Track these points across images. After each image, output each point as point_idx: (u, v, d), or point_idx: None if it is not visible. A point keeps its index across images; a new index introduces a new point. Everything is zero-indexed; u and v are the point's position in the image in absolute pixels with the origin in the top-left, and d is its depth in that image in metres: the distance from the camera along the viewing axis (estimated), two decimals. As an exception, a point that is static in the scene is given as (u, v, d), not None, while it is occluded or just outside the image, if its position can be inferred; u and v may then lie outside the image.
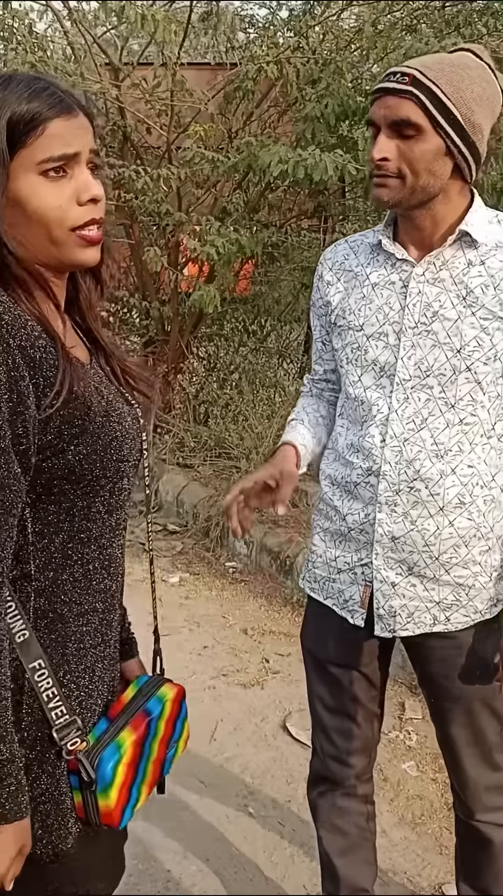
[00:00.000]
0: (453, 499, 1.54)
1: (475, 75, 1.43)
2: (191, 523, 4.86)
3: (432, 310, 1.51)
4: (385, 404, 1.56)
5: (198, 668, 3.32)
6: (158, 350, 6.11)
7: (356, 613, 1.66)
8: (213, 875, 2.22)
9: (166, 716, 1.25)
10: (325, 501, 1.72)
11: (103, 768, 1.11)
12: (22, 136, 1.04)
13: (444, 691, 1.67)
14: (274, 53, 4.60)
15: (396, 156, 1.44)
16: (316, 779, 1.86)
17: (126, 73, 5.22)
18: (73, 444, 1.06)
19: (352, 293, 1.62)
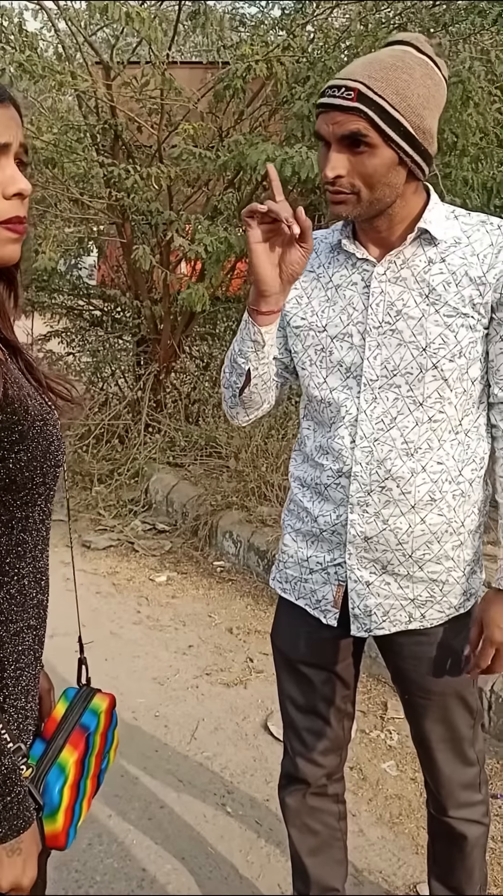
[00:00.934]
0: (424, 496, 1.54)
1: (418, 76, 1.40)
2: (180, 522, 4.86)
3: (395, 309, 1.50)
4: (353, 405, 1.55)
5: (181, 667, 3.31)
6: (150, 349, 6.11)
7: (329, 613, 1.66)
8: (188, 874, 2.22)
9: (101, 729, 1.21)
10: (296, 502, 1.71)
11: (50, 793, 1.07)
12: None
13: (418, 687, 1.66)
14: (263, 52, 4.60)
15: (349, 171, 1.41)
16: (287, 778, 1.86)
17: (117, 72, 5.22)
18: (14, 452, 1.00)
19: (314, 294, 1.60)
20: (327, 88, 1.42)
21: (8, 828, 0.97)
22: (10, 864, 0.98)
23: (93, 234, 6.25)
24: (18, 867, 0.99)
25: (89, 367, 6.58)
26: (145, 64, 5.10)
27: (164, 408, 5.90)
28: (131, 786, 2.57)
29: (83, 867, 2.21)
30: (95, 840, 2.32)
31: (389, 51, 1.45)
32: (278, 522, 4.39)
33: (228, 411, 1.71)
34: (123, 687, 3.10)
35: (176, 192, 5.58)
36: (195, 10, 4.93)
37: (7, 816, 0.97)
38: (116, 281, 6.89)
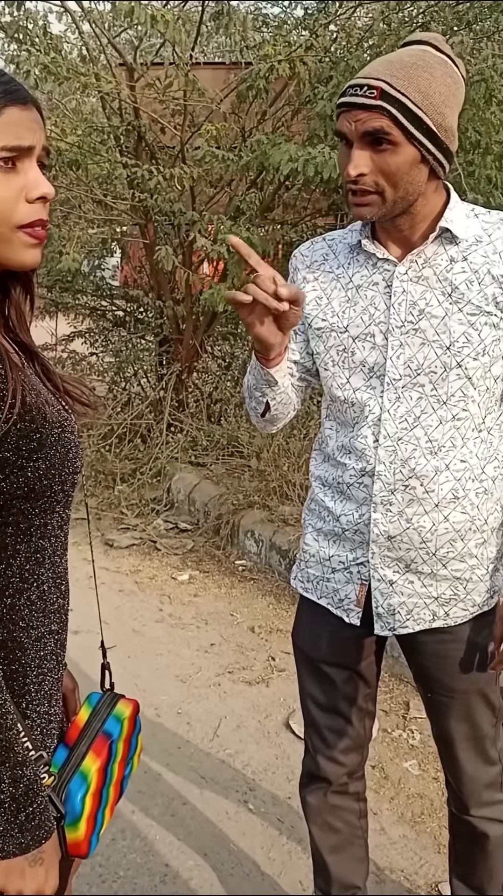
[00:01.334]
0: (447, 494, 1.54)
1: (439, 74, 1.41)
2: (202, 521, 4.88)
3: (418, 308, 1.50)
4: (376, 404, 1.55)
5: (204, 665, 3.33)
6: (173, 349, 6.14)
7: (352, 612, 1.66)
8: (211, 869, 2.23)
9: (124, 735, 1.21)
10: (317, 502, 1.71)
11: (72, 801, 1.07)
12: None
13: (441, 685, 1.66)
14: (286, 52, 4.61)
15: (373, 169, 1.41)
16: (308, 777, 1.86)
17: (141, 74, 5.25)
18: (32, 460, 1.00)
19: (334, 295, 1.60)
20: (348, 87, 1.42)
21: (30, 838, 0.97)
22: (33, 874, 0.98)
23: (116, 234, 6.30)
24: (41, 877, 0.99)
25: (112, 367, 6.62)
26: (169, 65, 5.12)
27: (186, 407, 5.93)
28: (154, 782, 2.59)
29: (107, 862, 2.23)
30: (119, 835, 2.34)
31: (409, 50, 1.45)
32: (300, 522, 4.39)
33: (257, 425, 1.75)
34: (146, 684, 3.13)
35: (199, 192, 5.60)
36: (218, 11, 4.94)
37: (29, 827, 0.97)
38: (139, 281, 6.93)
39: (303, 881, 2.19)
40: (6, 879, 0.97)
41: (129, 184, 5.29)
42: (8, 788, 0.95)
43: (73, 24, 5.40)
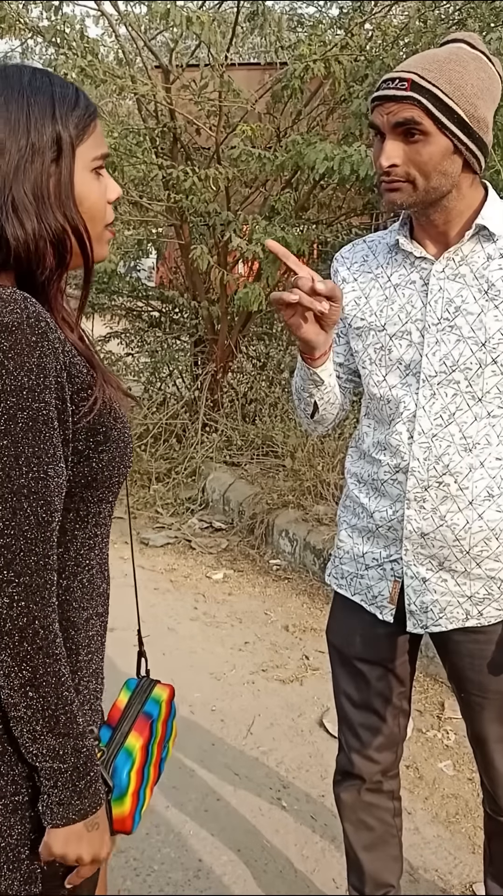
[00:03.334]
0: (481, 492, 1.53)
1: (472, 68, 1.41)
2: (236, 520, 4.89)
3: (454, 305, 1.50)
4: (412, 401, 1.55)
5: (238, 663, 3.34)
6: (208, 349, 6.16)
7: (385, 609, 1.66)
8: (244, 866, 2.24)
9: (163, 717, 1.26)
10: (352, 498, 1.72)
11: (119, 775, 1.12)
12: (81, 132, 1.05)
13: (475, 685, 1.65)
14: (321, 51, 4.61)
15: (405, 160, 1.42)
16: (342, 774, 1.86)
17: (176, 75, 5.28)
18: (98, 452, 1.07)
19: (373, 294, 1.61)
20: (382, 82, 1.44)
21: (88, 804, 1.03)
22: (90, 839, 1.04)
23: (152, 236, 6.34)
24: (97, 841, 1.05)
25: (148, 368, 6.67)
26: (204, 66, 5.15)
27: (220, 407, 5.95)
28: (188, 778, 2.61)
29: (141, 856, 2.25)
30: (153, 830, 2.36)
31: (444, 48, 1.47)
32: (334, 521, 4.38)
33: (306, 429, 1.78)
34: (180, 681, 3.14)
35: (233, 192, 5.62)
36: (253, 12, 4.96)
37: (87, 794, 1.02)
38: (174, 282, 6.97)
39: (337, 879, 2.19)
40: (66, 846, 1.02)
41: (165, 185, 5.33)
42: (70, 758, 1.01)
43: (110, 27, 5.45)
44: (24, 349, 0.96)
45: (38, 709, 0.98)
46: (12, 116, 1.02)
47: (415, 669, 1.81)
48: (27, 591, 0.97)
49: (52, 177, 1.03)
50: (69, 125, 1.04)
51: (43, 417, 0.97)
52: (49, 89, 1.04)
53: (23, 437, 0.96)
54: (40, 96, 1.03)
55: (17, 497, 0.96)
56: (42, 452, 0.97)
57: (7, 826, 1.03)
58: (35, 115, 1.02)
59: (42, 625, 0.98)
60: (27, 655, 0.97)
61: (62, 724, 1.00)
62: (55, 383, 0.99)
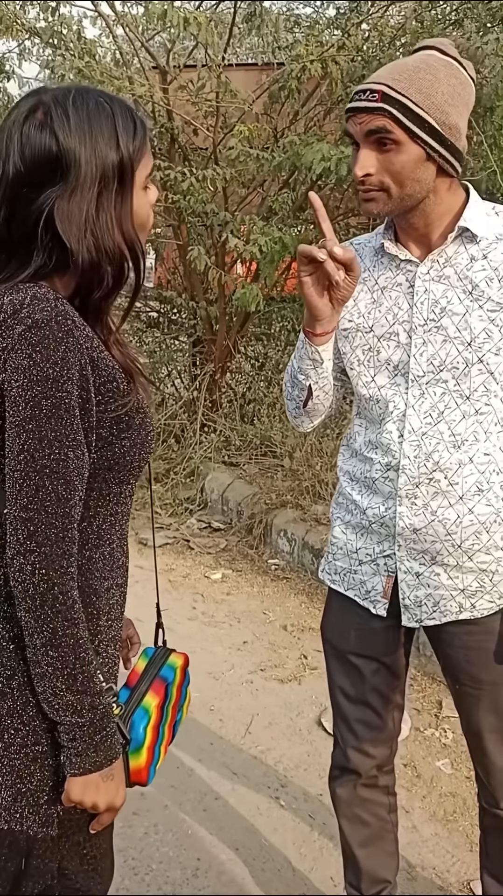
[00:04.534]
0: (471, 486, 1.57)
1: (443, 76, 1.44)
2: (235, 521, 4.90)
3: (440, 306, 1.53)
4: (401, 401, 1.58)
5: (236, 663, 3.35)
6: (206, 349, 6.17)
7: (379, 604, 1.68)
8: (242, 864, 2.24)
9: (177, 682, 1.37)
10: (345, 496, 1.74)
11: (136, 729, 1.22)
12: (139, 157, 1.16)
13: (469, 677, 1.67)
14: (318, 52, 4.62)
15: (378, 169, 1.46)
16: (337, 769, 1.87)
17: (173, 76, 5.28)
18: (120, 438, 1.17)
19: (360, 297, 1.63)
20: (354, 94, 1.47)
21: (103, 757, 1.13)
22: (106, 787, 1.14)
23: (150, 236, 6.33)
24: (112, 790, 1.15)
25: (146, 368, 6.66)
26: (201, 67, 5.15)
27: (219, 407, 5.95)
28: (186, 777, 2.61)
29: (139, 855, 2.26)
30: (152, 829, 2.36)
31: (414, 56, 1.50)
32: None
33: (293, 421, 1.79)
34: (179, 681, 3.15)
35: (231, 193, 5.62)
36: (250, 12, 4.96)
37: (103, 747, 1.13)
38: (173, 283, 6.97)
39: (335, 877, 2.19)
40: (83, 793, 1.13)
41: (163, 185, 5.33)
42: (88, 714, 1.11)
43: (107, 28, 5.45)
44: (50, 343, 1.07)
45: (58, 667, 1.08)
46: (83, 146, 1.11)
47: (409, 664, 1.82)
48: (47, 559, 1.07)
49: (114, 204, 1.15)
50: (130, 153, 1.14)
51: (65, 405, 1.08)
52: (112, 118, 1.14)
53: (46, 422, 1.07)
54: (105, 126, 1.13)
55: (40, 476, 1.07)
56: (63, 437, 1.08)
57: (28, 773, 1.13)
58: (101, 145, 1.12)
59: (61, 590, 1.08)
60: (47, 618, 1.08)
61: (80, 682, 1.09)
62: (79, 375, 1.09)
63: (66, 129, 1.11)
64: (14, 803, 1.12)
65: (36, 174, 1.11)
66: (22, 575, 1.07)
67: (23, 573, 1.07)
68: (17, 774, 1.12)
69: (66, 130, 1.11)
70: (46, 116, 1.12)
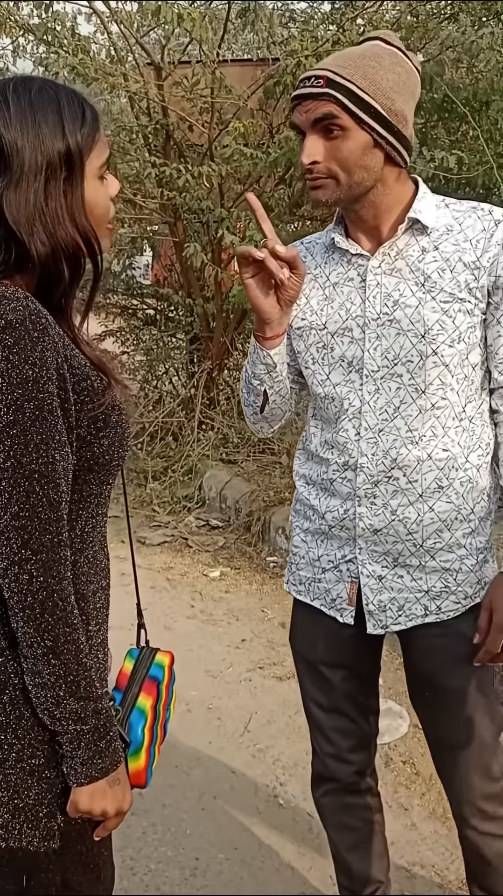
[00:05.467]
0: (431, 484, 1.53)
1: (387, 63, 1.43)
2: (233, 518, 4.90)
3: (392, 299, 1.51)
4: (356, 397, 1.55)
5: (235, 661, 3.34)
6: (203, 347, 6.16)
7: (345, 611, 1.64)
8: (241, 864, 2.24)
9: (166, 682, 1.35)
10: (302, 501, 1.70)
11: (134, 731, 1.21)
12: (89, 146, 1.12)
13: (437, 685, 1.62)
14: (313, 47, 4.60)
15: (325, 157, 1.43)
16: (318, 779, 1.84)
17: (168, 72, 5.27)
18: (98, 438, 1.15)
19: (313, 294, 1.61)
20: (299, 83, 1.45)
21: (109, 762, 1.11)
22: (113, 793, 1.12)
23: (146, 233, 6.33)
24: (120, 795, 1.13)
25: (143, 366, 6.66)
26: (196, 63, 5.14)
27: (216, 405, 5.95)
28: (185, 776, 2.61)
29: (138, 855, 2.25)
30: (150, 829, 2.36)
31: (359, 46, 1.49)
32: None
33: (252, 427, 1.79)
34: (177, 680, 3.13)
35: (227, 189, 5.61)
36: (245, 8, 4.95)
37: (109, 751, 1.11)
38: (169, 280, 6.96)
39: (334, 876, 2.18)
40: (91, 802, 1.11)
41: (158, 182, 5.32)
42: (91, 720, 1.09)
43: (101, 24, 5.44)
44: (27, 344, 1.04)
45: (61, 675, 1.06)
46: (25, 136, 1.07)
47: (381, 667, 1.79)
48: (44, 567, 1.05)
49: (64, 194, 1.10)
50: (78, 141, 1.10)
51: (48, 407, 1.05)
52: (56, 105, 1.10)
53: (31, 425, 1.04)
54: (49, 114, 1.09)
55: (29, 481, 1.04)
56: (49, 439, 1.05)
57: (25, 787, 1.10)
58: (45, 133, 1.08)
59: (60, 597, 1.06)
60: (48, 626, 1.05)
61: (83, 688, 1.08)
62: (57, 375, 1.07)
63: (6, 119, 1.07)
64: (12, 820, 1.10)
65: None
66: (19, 585, 1.04)
67: (19, 583, 1.04)
68: (13, 790, 1.10)
69: (6, 119, 1.07)
70: None
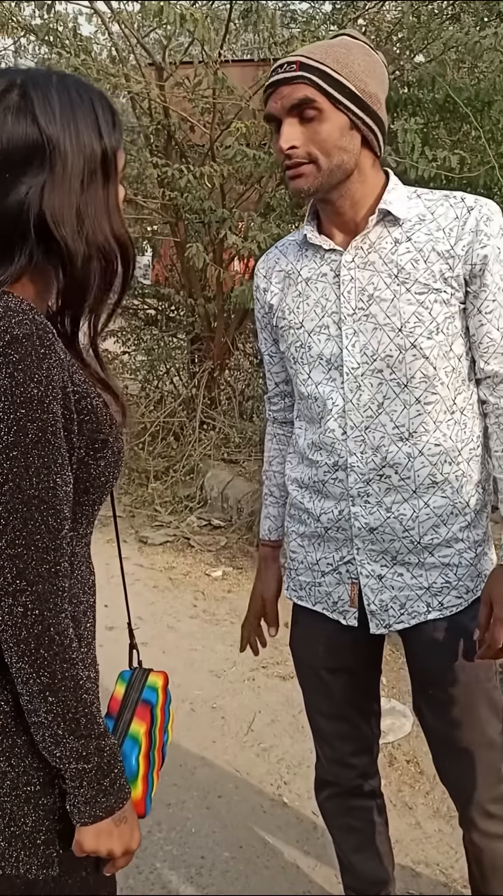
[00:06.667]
0: (425, 479, 1.52)
1: (356, 52, 1.43)
2: (235, 518, 4.90)
3: (367, 293, 1.49)
4: (339, 396, 1.53)
5: (238, 660, 3.34)
6: (204, 347, 6.17)
7: (348, 613, 1.62)
8: (246, 862, 2.25)
9: (160, 703, 1.28)
10: (296, 505, 1.67)
11: (128, 761, 1.14)
12: (118, 148, 1.09)
13: (440, 681, 1.60)
14: (314, 48, 4.60)
15: (304, 141, 1.42)
16: (321, 783, 1.85)
17: (170, 73, 5.27)
18: (96, 459, 1.09)
19: (288, 292, 1.60)
20: (271, 72, 1.45)
21: (114, 800, 1.05)
22: (119, 832, 1.06)
23: (147, 233, 6.33)
24: (127, 834, 1.07)
25: (144, 366, 6.67)
26: (198, 64, 5.14)
27: (218, 405, 5.95)
28: (189, 776, 2.61)
29: (143, 853, 2.26)
30: (155, 828, 2.36)
31: (327, 40, 1.50)
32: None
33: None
34: (181, 679, 3.15)
35: (228, 189, 5.61)
36: (247, 9, 4.95)
37: (113, 790, 1.05)
38: (170, 280, 6.96)
39: (338, 876, 2.19)
40: (97, 842, 1.05)
41: (160, 183, 5.33)
42: (94, 759, 1.03)
43: (103, 25, 5.44)
44: (33, 361, 0.97)
45: (59, 713, 1.00)
46: (67, 134, 1.03)
47: (382, 669, 1.79)
48: (40, 599, 0.99)
49: (101, 196, 1.06)
50: (113, 144, 1.07)
51: (51, 428, 0.99)
52: (92, 106, 1.06)
53: (32, 447, 0.98)
54: (88, 114, 1.06)
55: (27, 507, 0.98)
56: (51, 462, 0.99)
57: (21, 815, 1.06)
58: (84, 134, 1.04)
59: (57, 631, 1.00)
60: (44, 662, 0.99)
61: (83, 725, 1.02)
62: (62, 394, 1.01)
63: (49, 114, 1.01)
64: (9, 847, 1.05)
65: (12, 163, 1.01)
66: (12, 618, 0.98)
67: (13, 616, 0.98)
68: (9, 818, 1.05)
69: (49, 115, 1.01)
70: (24, 100, 1.01)
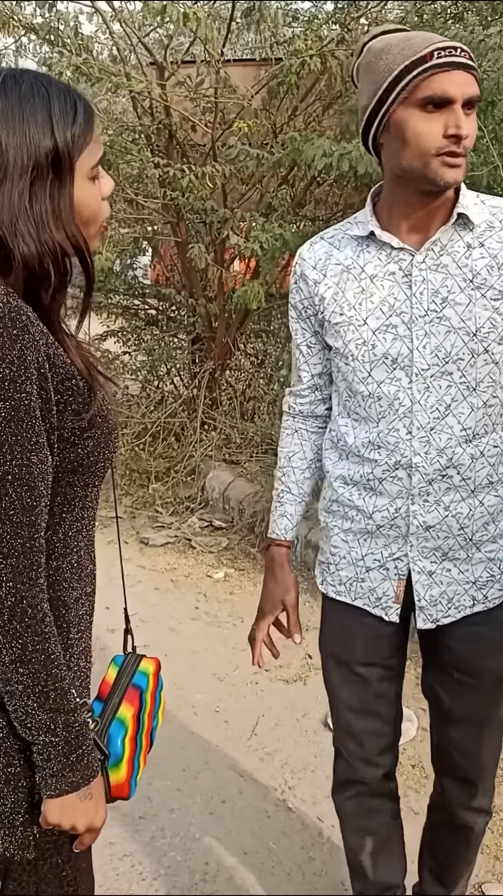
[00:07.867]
0: (483, 480, 1.56)
1: None
2: (236, 519, 4.88)
3: (441, 296, 1.49)
4: (406, 396, 1.53)
5: (241, 663, 3.32)
6: (205, 347, 6.14)
7: (391, 609, 1.65)
8: (251, 868, 2.23)
9: (150, 689, 1.32)
10: (341, 502, 1.67)
11: (114, 744, 1.18)
12: (80, 146, 1.08)
13: (472, 667, 1.65)
14: (317, 47, 4.58)
15: (468, 134, 1.42)
16: (344, 782, 1.83)
17: (171, 72, 5.25)
18: (82, 439, 1.11)
19: (348, 287, 1.57)
20: (440, 50, 1.38)
21: (80, 777, 1.09)
22: (84, 808, 1.10)
23: (148, 233, 6.30)
24: (91, 811, 1.11)
25: (145, 366, 6.64)
26: (199, 63, 5.12)
27: (219, 405, 5.92)
28: (192, 780, 2.59)
29: (146, 860, 2.24)
30: (158, 833, 2.34)
31: (411, 32, 1.49)
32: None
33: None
34: (183, 682, 3.13)
35: (230, 189, 5.59)
36: (249, 8, 4.93)
37: (79, 767, 1.08)
38: (171, 280, 6.94)
39: (345, 881, 2.17)
40: (61, 815, 1.09)
41: (161, 183, 5.30)
42: (62, 733, 1.06)
43: (104, 24, 5.42)
44: (5, 342, 1.00)
45: (29, 685, 1.04)
46: (11, 134, 1.03)
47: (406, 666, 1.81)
48: (14, 572, 1.02)
49: (50, 195, 1.06)
50: (67, 141, 1.06)
51: (25, 407, 1.02)
52: (47, 102, 1.06)
53: (6, 426, 1.00)
54: (38, 111, 1.05)
55: (2, 484, 1.01)
56: (25, 440, 1.02)
57: (1, 796, 1.09)
58: (32, 132, 1.04)
59: (30, 604, 1.03)
60: (16, 633, 1.02)
61: (52, 699, 1.05)
62: (37, 374, 1.03)
63: None
64: None
65: None
66: None
67: None
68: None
69: None
70: None
